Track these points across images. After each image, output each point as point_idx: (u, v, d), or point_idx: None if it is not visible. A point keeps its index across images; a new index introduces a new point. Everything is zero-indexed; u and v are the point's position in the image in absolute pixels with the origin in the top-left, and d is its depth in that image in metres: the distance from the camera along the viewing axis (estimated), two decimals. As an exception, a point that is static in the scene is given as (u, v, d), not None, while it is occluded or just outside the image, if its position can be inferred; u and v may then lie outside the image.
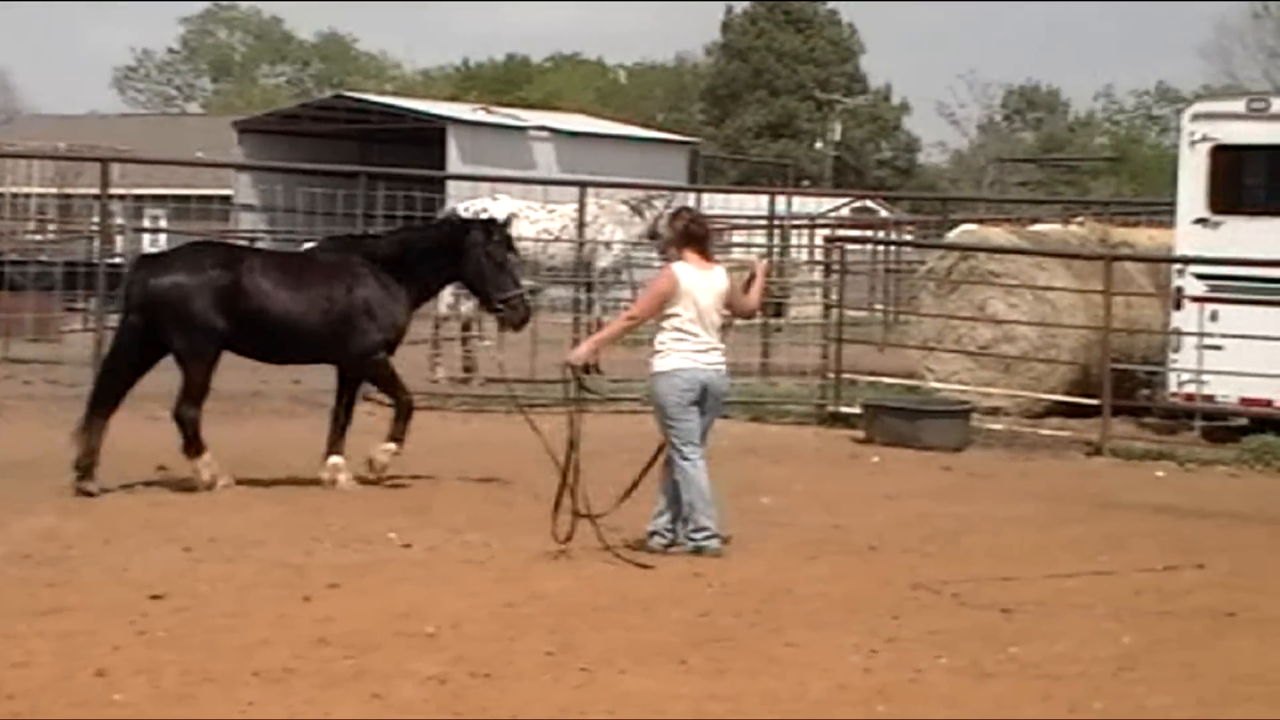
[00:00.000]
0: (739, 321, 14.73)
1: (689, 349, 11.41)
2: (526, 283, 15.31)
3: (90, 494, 12.94)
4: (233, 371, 20.17)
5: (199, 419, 13.55)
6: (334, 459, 13.86)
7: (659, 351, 11.51)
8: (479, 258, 14.03)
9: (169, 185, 41.61)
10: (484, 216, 15.05)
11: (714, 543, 11.38)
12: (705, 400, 11.48)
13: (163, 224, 41.55)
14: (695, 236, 11.68)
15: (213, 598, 9.87)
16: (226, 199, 42.10)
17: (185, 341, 13.54)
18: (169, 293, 13.49)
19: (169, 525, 11.90)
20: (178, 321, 13.48)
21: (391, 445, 13.99)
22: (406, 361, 20.73)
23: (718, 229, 31.99)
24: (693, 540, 11.41)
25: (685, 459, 11.43)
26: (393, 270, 14.06)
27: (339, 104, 49.10)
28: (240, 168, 42.38)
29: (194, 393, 13.62)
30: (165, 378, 13.94)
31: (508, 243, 14.23)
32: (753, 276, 12.19)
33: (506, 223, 14.60)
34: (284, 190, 32.02)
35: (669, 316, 11.45)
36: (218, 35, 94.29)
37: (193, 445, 13.52)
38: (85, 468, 13.16)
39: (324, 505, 12.84)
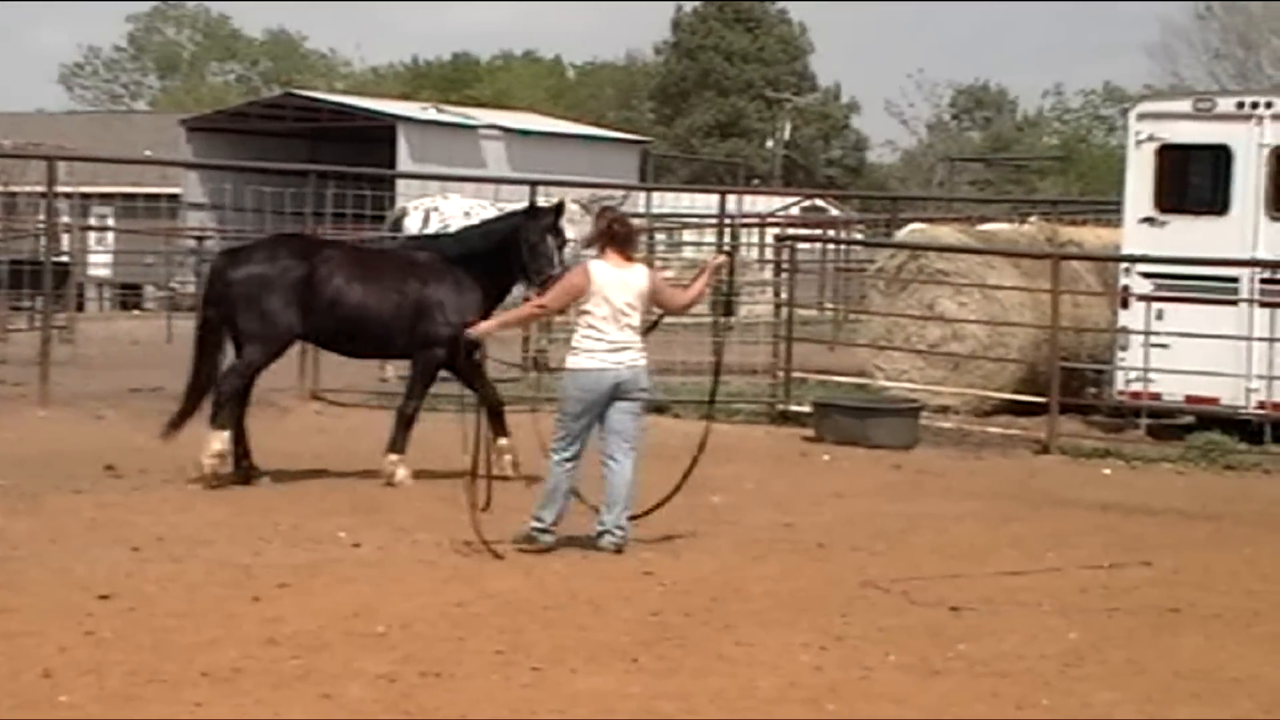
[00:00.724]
0: (687, 320, 14.78)
1: (600, 348, 11.42)
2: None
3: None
4: (178, 371, 20.17)
5: (237, 391, 13.87)
6: (501, 440, 13.97)
7: (572, 349, 11.58)
8: (522, 243, 14.06)
9: (116, 183, 41.47)
10: (534, 206, 15.00)
11: (547, 538, 11.41)
12: (615, 397, 11.47)
13: (110, 222, 41.46)
14: (617, 236, 11.69)
15: (160, 598, 9.82)
16: (175, 197, 41.92)
17: (255, 327, 13.83)
18: (245, 283, 13.77)
19: (116, 525, 11.84)
20: (251, 310, 13.77)
21: (392, 456, 14.03)
22: (354, 362, 20.79)
23: (668, 228, 32.15)
24: (527, 527, 11.44)
25: (556, 454, 11.51)
26: (466, 267, 14.14)
27: (288, 102, 48.92)
28: (189, 166, 42.17)
29: (244, 370, 13.97)
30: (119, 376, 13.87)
31: (549, 228, 14.14)
32: (703, 270, 12.25)
33: (553, 210, 14.58)
34: (233, 189, 31.94)
35: (583, 313, 11.49)
36: (165, 33, 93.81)
37: (218, 419, 13.72)
38: (246, 467, 13.77)
39: (272, 505, 12.80)
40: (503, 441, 13.99)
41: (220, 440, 13.63)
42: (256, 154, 39.93)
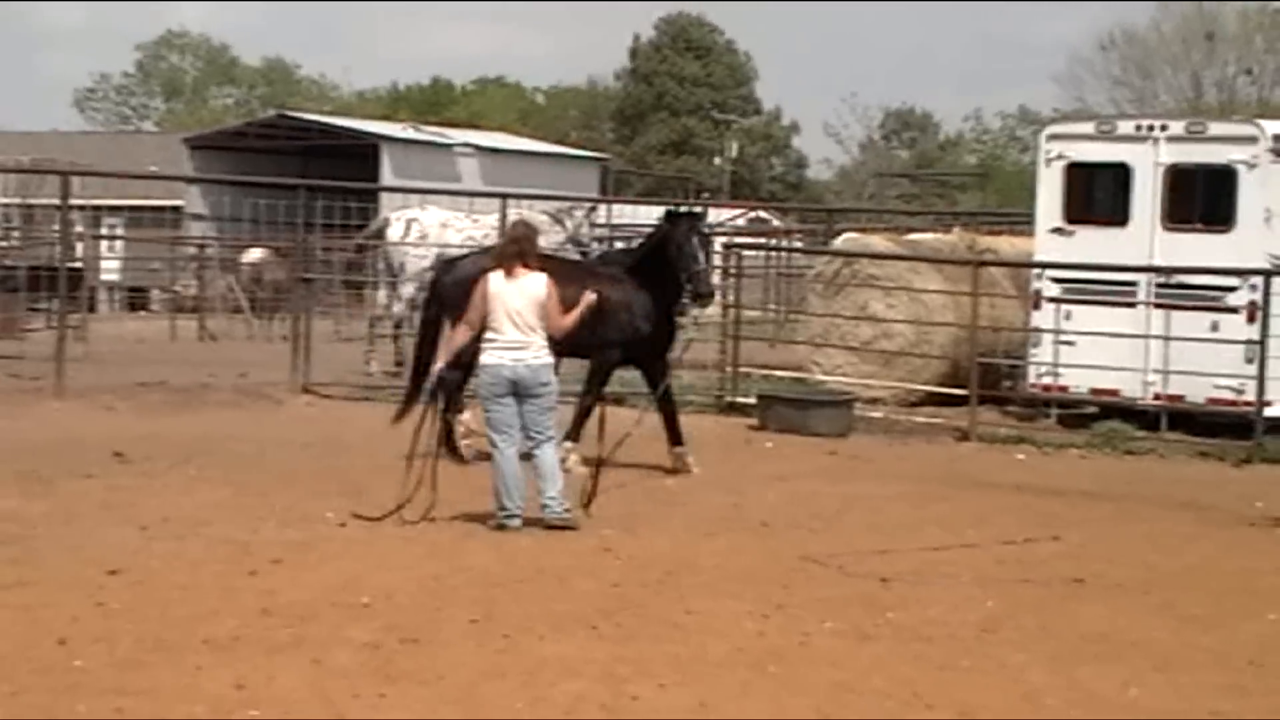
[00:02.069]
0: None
1: (498, 346, 11.52)
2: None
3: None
4: (182, 367, 20.11)
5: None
6: (678, 448, 14.23)
7: (481, 349, 11.64)
8: (669, 246, 14.16)
9: (125, 196, 41.21)
10: (676, 212, 14.99)
11: (514, 521, 11.38)
12: (519, 393, 11.49)
13: (119, 231, 41.18)
14: (508, 254, 11.81)
15: (165, 572, 9.78)
16: (178, 209, 41.70)
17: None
18: (454, 287, 13.96)
19: (125, 507, 11.77)
20: (460, 309, 13.66)
21: (566, 443, 13.98)
22: (342, 357, 20.78)
23: (627, 237, 32.05)
24: (497, 518, 11.42)
25: (494, 445, 11.52)
26: (638, 276, 14.28)
27: (281, 122, 48.63)
28: (191, 180, 41.88)
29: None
30: (128, 371, 13.79)
31: (690, 230, 14.20)
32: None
33: (693, 214, 14.54)
34: (231, 201, 31.73)
35: (488, 317, 11.60)
36: (170, 60, 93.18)
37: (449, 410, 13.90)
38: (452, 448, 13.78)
39: (268, 488, 12.74)
40: (678, 449, 14.26)
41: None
42: (252, 169, 39.63)
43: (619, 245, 20.24)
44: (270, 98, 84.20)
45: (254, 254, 29.79)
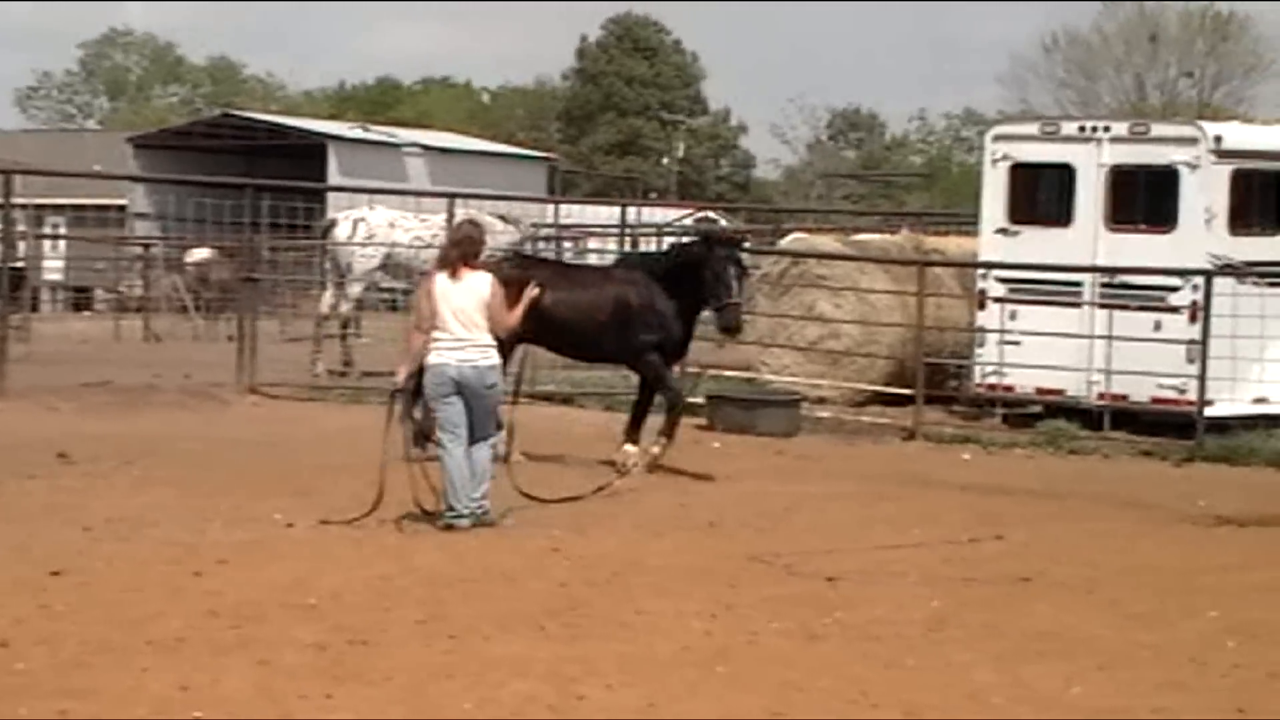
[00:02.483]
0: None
1: (443, 347, 11.52)
2: (403, 283, 15.17)
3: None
4: (126, 367, 19.97)
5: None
6: (628, 447, 14.23)
7: (427, 350, 11.65)
8: (705, 270, 14.17)
9: (68, 195, 40.91)
10: (715, 237, 15.05)
11: (463, 521, 11.37)
12: (465, 391, 11.50)
13: (62, 231, 40.88)
14: (451, 255, 11.83)
15: (109, 574, 9.71)
16: (122, 208, 41.40)
17: None
18: None
19: (69, 508, 11.68)
20: None
21: (662, 439, 14.23)
22: (289, 357, 20.69)
23: (574, 237, 32.03)
24: (444, 517, 11.40)
25: (442, 445, 11.54)
26: (664, 284, 14.30)
27: (227, 122, 48.41)
28: (135, 180, 41.60)
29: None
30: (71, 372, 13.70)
31: (729, 258, 14.21)
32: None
33: (733, 241, 14.56)
34: (176, 200, 31.51)
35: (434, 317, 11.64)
36: (114, 58, 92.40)
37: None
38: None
39: (214, 489, 12.66)
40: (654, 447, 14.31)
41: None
42: (197, 169, 39.41)
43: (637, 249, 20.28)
44: (216, 97, 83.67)
45: (199, 254, 29.63)
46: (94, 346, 24.42)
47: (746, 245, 14.68)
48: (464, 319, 11.54)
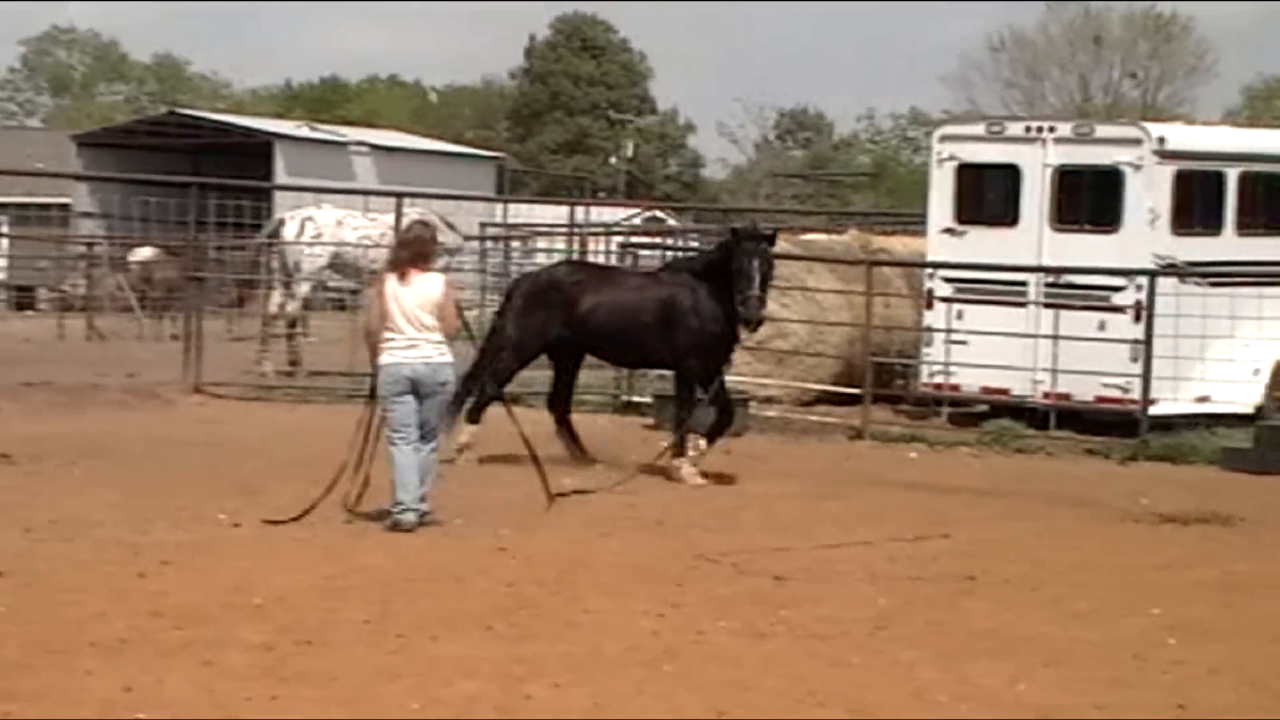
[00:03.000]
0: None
1: (396, 346, 11.57)
2: (351, 283, 15.17)
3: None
4: (70, 366, 19.82)
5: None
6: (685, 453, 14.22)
7: (381, 350, 11.69)
8: (731, 262, 14.16)
9: (10, 194, 40.58)
10: (740, 230, 14.82)
11: (409, 516, 11.38)
12: (419, 390, 11.53)
13: (4, 229, 40.50)
14: (402, 258, 11.84)
15: (52, 575, 9.64)
16: (65, 207, 41.04)
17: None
18: (522, 300, 14.86)
19: (11, 509, 11.58)
20: (525, 322, 14.76)
21: (701, 443, 14.24)
22: (235, 357, 20.59)
23: (523, 236, 32.01)
24: (391, 512, 11.40)
25: (391, 443, 11.55)
26: (705, 285, 14.29)
27: (172, 120, 48.12)
28: (79, 178, 41.32)
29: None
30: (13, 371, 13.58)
31: (752, 251, 14.14)
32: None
33: (757, 235, 14.48)
34: (120, 199, 31.29)
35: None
36: (57, 55, 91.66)
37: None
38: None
39: (158, 489, 12.59)
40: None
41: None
42: (142, 167, 39.12)
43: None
44: (161, 95, 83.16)
45: (144, 252, 29.44)
46: (37, 346, 24.20)
47: (773, 238, 14.56)
48: (415, 319, 11.56)
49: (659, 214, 49.11)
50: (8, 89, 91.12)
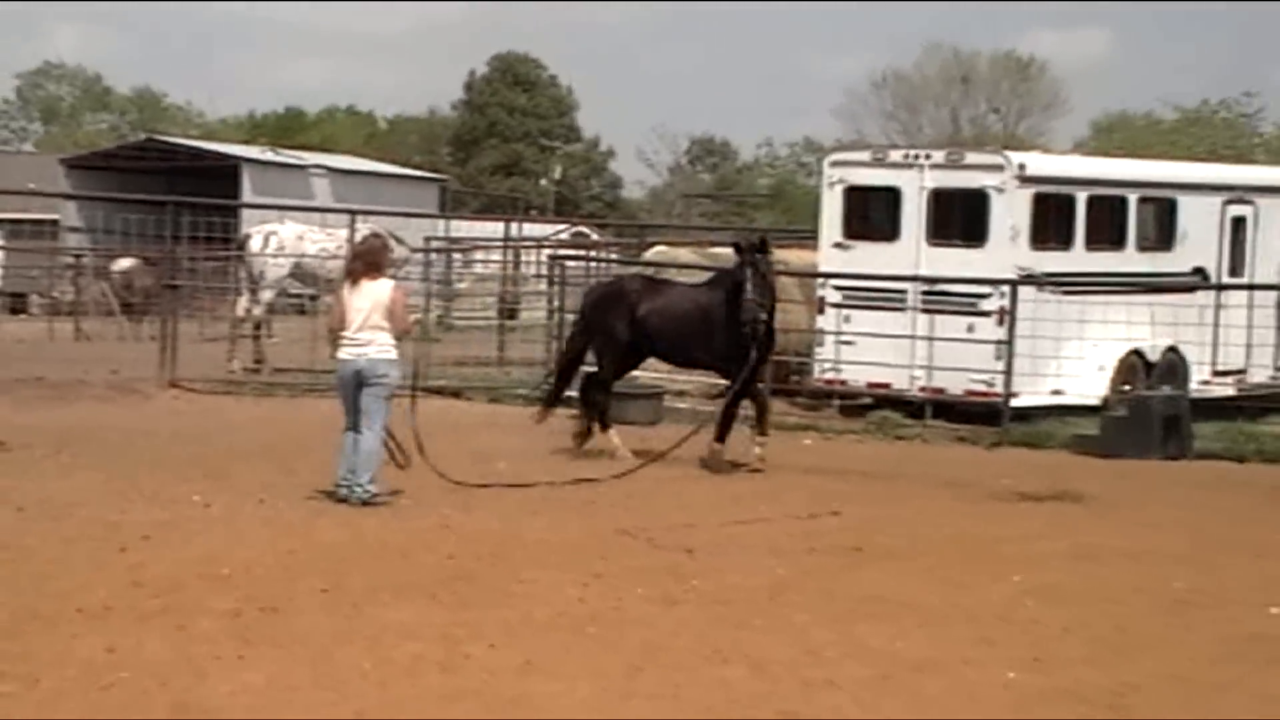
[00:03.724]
0: (479, 322, 14.91)
1: (346, 344, 11.60)
2: (310, 290, 15.06)
3: None
4: (58, 364, 19.55)
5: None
6: (716, 445, 14.16)
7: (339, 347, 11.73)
8: (734, 277, 14.09)
9: (4, 210, 39.96)
10: (743, 244, 14.68)
11: (343, 491, 11.45)
12: (361, 381, 11.54)
13: (0, 243, 39.89)
14: (355, 268, 11.86)
15: (41, 549, 9.51)
16: (55, 222, 40.55)
17: (600, 341, 15.03)
18: (593, 309, 15.15)
19: (4, 490, 11.41)
20: (599, 328, 14.99)
21: (761, 438, 14.26)
22: (206, 356, 20.37)
23: (464, 249, 31.84)
24: (346, 484, 11.46)
25: (344, 429, 11.58)
26: (737, 296, 14.08)
27: (150, 145, 47.46)
28: (67, 197, 40.72)
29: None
30: (7, 369, 13.35)
31: (744, 263, 14.10)
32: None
33: (753, 248, 14.30)
34: (104, 216, 30.96)
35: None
36: (48, 88, 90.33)
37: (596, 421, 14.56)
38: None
39: (137, 473, 12.44)
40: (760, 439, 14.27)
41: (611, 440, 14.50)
42: (124, 187, 38.61)
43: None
44: (140, 123, 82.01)
45: (125, 263, 29.12)
46: (28, 346, 23.84)
47: (766, 248, 14.44)
48: (366, 320, 11.54)
49: (584, 229, 49.08)
50: (3, 118, 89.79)
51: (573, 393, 18.13)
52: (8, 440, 13.67)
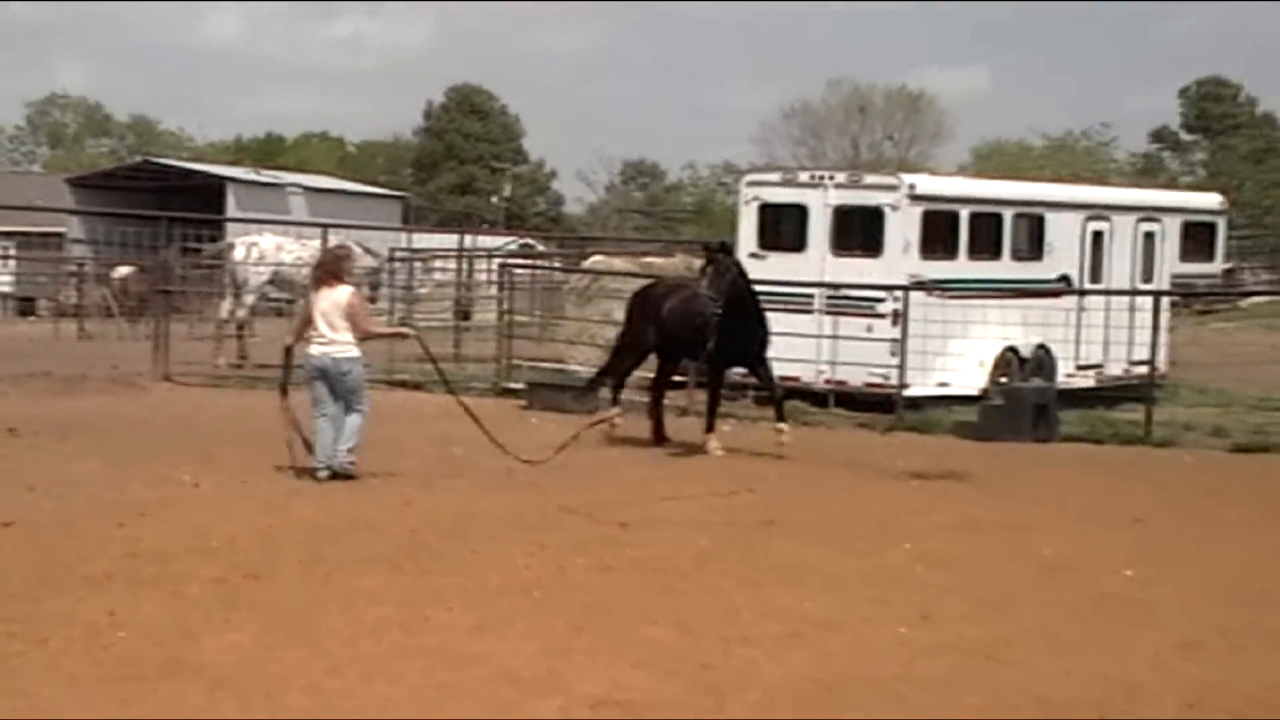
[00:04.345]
0: (435, 323, 14.86)
1: (314, 343, 11.60)
2: (287, 295, 14.93)
3: None
4: (63, 360, 19.29)
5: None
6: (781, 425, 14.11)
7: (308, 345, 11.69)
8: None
9: (16, 225, 39.43)
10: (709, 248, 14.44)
11: (323, 473, 11.42)
12: (328, 377, 11.52)
13: (11, 252, 39.42)
14: (320, 275, 11.86)
15: (49, 525, 9.40)
16: (60, 235, 40.07)
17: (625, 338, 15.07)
18: (634, 311, 15.10)
19: (16, 473, 11.27)
20: (640, 329, 15.03)
21: (783, 426, 14.17)
22: (195, 353, 20.17)
23: (424, 258, 31.67)
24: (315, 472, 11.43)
25: (314, 416, 11.59)
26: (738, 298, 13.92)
27: (146, 166, 46.97)
28: (71, 212, 40.19)
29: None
30: (18, 364, 13.16)
31: (703, 266, 13.99)
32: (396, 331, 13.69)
33: (714, 253, 14.07)
34: (104, 229, 30.57)
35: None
36: (54, 115, 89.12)
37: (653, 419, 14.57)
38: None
39: (134, 457, 12.31)
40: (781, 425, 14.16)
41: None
42: (122, 204, 38.15)
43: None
44: (137, 146, 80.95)
45: (123, 270, 28.85)
46: (37, 345, 23.52)
47: (721, 254, 14.25)
48: (329, 322, 11.54)
49: (530, 241, 48.94)
50: (14, 142, 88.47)
51: (519, 385, 18.10)
52: (19, 428, 13.49)
